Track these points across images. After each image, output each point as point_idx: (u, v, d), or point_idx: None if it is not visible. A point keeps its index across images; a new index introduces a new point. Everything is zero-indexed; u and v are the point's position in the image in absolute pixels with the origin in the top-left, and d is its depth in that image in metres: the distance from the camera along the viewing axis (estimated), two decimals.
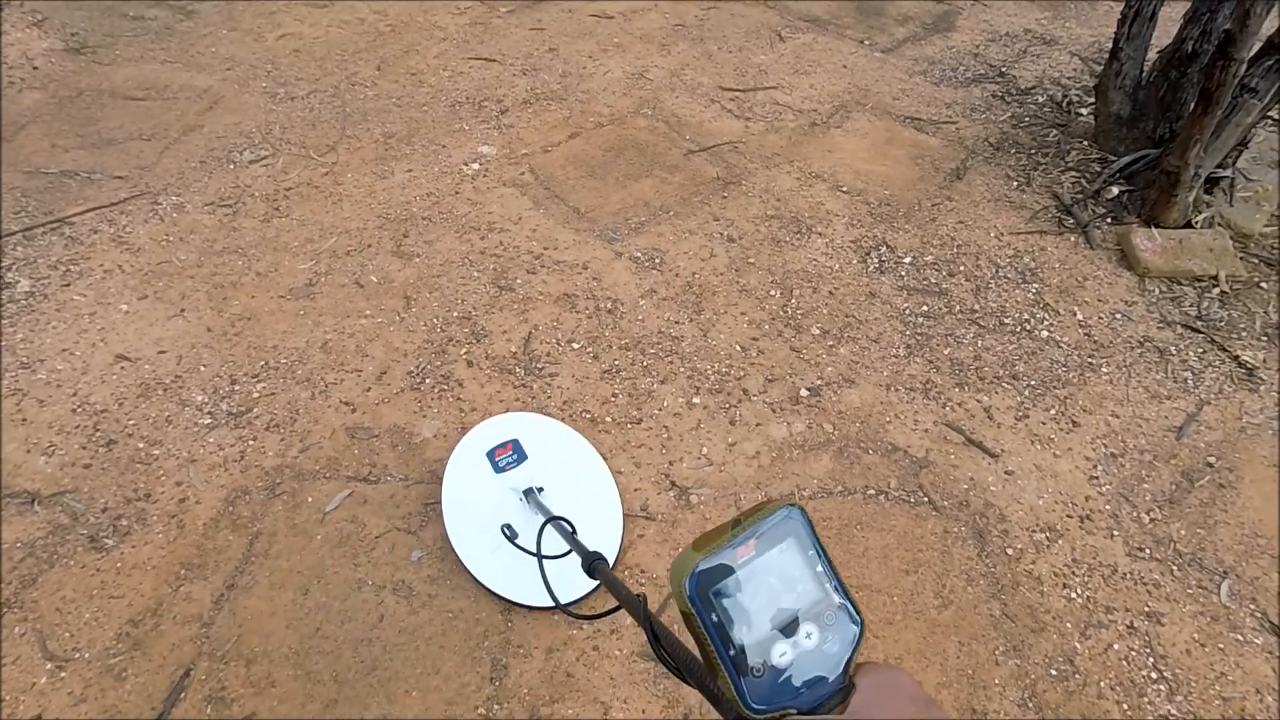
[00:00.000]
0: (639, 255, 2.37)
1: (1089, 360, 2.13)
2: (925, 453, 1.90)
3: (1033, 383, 2.07)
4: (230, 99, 2.96)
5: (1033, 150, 2.85)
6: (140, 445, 1.85)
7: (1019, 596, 1.65)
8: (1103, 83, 2.72)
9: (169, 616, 1.57)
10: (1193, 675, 1.54)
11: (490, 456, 1.75)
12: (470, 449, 1.78)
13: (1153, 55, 2.65)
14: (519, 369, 2.05)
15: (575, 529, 1.32)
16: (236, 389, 1.98)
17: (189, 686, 1.47)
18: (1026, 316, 2.24)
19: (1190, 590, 1.67)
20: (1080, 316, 2.25)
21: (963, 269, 2.38)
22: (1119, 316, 2.25)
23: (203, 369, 2.02)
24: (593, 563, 1.10)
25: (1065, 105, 3.07)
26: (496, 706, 1.46)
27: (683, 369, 2.06)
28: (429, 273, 2.30)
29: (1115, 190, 2.61)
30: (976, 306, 2.27)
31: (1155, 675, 1.54)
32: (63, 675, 1.48)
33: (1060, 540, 1.74)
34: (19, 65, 3.05)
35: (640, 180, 2.66)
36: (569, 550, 1.24)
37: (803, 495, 1.80)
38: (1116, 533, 1.76)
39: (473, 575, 1.61)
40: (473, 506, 1.70)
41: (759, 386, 2.03)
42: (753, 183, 2.67)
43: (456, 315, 2.18)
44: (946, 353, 2.13)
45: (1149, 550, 1.73)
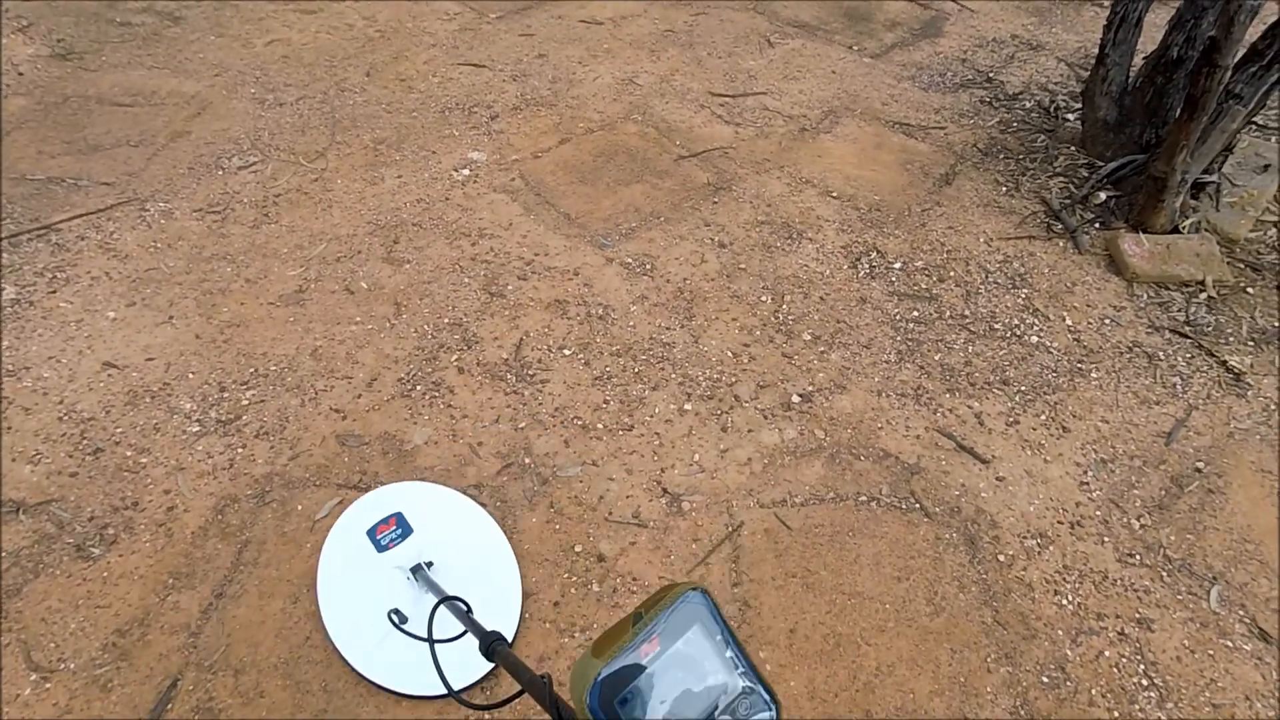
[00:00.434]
0: (630, 261, 2.37)
1: (1078, 366, 2.14)
2: (916, 459, 1.90)
3: (1023, 388, 2.07)
4: (218, 105, 2.94)
5: (1021, 155, 2.87)
6: (128, 453, 1.84)
7: (1010, 603, 1.65)
8: (1089, 88, 2.74)
9: (156, 626, 1.55)
10: (1183, 682, 1.54)
11: (371, 535, 1.63)
12: (347, 530, 1.66)
13: (1139, 61, 2.67)
14: (510, 375, 2.04)
15: (470, 607, 1.19)
16: (225, 396, 1.96)
17: (176, 697, 1.46)
18: (1016, 322, 2.25)
19: (1180, 596, 1.67)
20: (1069, 322, 2.26)
21: (953, 274, 2.39)
22: (1108, 322, 2.26)
23: (191, 376, 2.00)
24: (491, 644, 1.01)
25: (1052, 110, 3.09)
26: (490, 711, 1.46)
27: (674, 375, 2.06)
28: (419, 279, 2.29)
29: (1103, 195, 2.62)
30: (967, 312, 2.27)
31: (1146, 682, 1.54)
32: (48, 686, 1.47)
33: (1051, 546, 1.75)
34: (5, 71, 3.03)
35: (631, 186, 2.66)
36: (464, 631, 1.13)
37: (794, 501, 1.80)
38: (1107, 539, 1.77)
39: (359, 673, 1.48)
40: (355, 594, 1.57)
41: (750, 393, 2.03)
42: (743, 188, 2.67)
43: (447, 322, 2.18)
44: (937, 358, 2.14)
45: (1139, 556, 1.74)
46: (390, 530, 1.63)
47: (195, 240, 2.38)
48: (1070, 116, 3.03)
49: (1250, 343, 2.21)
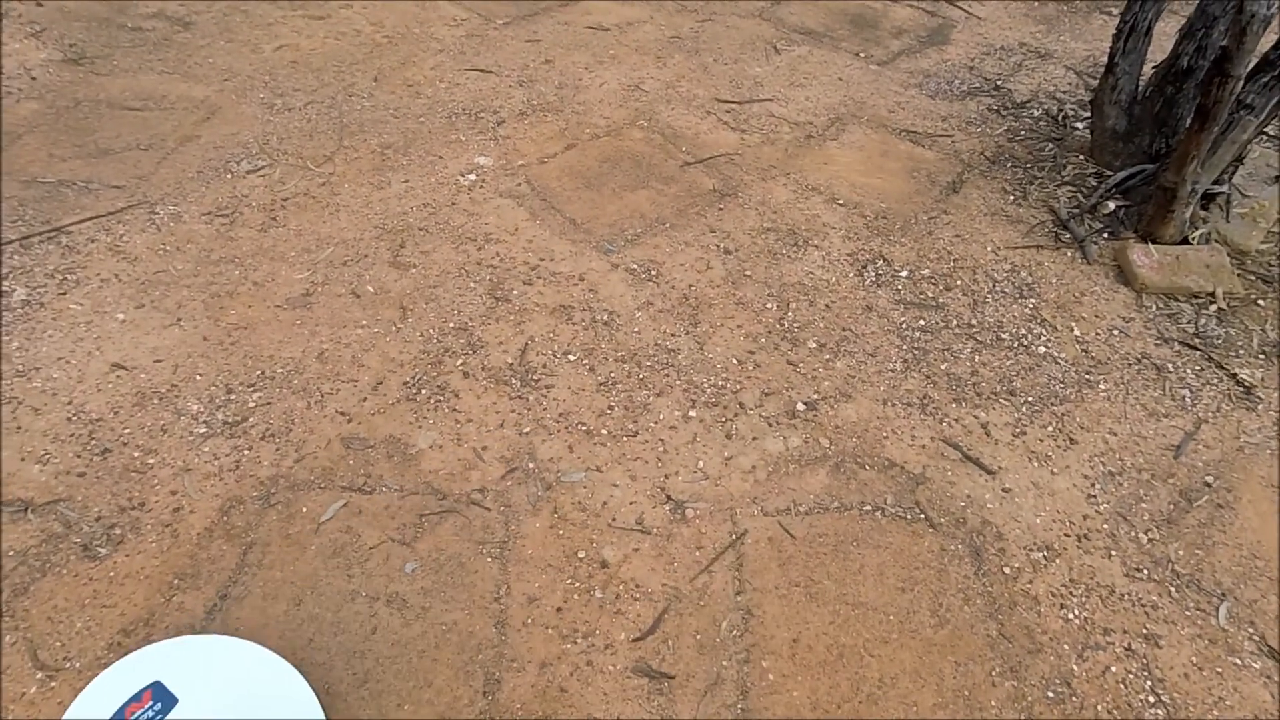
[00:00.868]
0: (635, 267, 2.37)
1: (1086, 377, 2.13)
2: (922, 469, 1.89)
3: (1030, 399, 2.06)
4: (227, 109, 2.96)
5: (1029, 164, 2.86)
6: (135, 454, 1.85)
7: (1016, 616, 1.64)
8: (1098, 97, 2.73)
9: (161, 626, 1.56)
10: (1190, 699, 1.53)
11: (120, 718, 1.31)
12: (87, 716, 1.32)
13: (1148, 70, 2.66)
14: (515, 380, 2.04)
15: None
16: (232, 398, 1.97)
17: None
18: (1024, 332, 2.24)
19: (1188, 612, 1.66)
20: (1078, 332, 2.25)
21: (959, 283, 2.38)
22: (1116, 333, 2.25)
23: (199, 378, 2.01)
24: None
25: (1061, 119, 3.08)
26: None
27: (679, 382, 2.06)
28: (425, 283, 2.30)
29: (1111, 205, 2.61)
30: (973, 321, 2.27)
31: (1153, 699, 1.53)
32: (53, 685, 1.47)
33: (1058, 559, 1.74)
34: (17, 75, 3.05)
35: (636, 192, 2.66)
36: None
37: (798, 510, 1.80)
38: (1114, 552, 1.76)
39: None
40: None
41: (755, 400, 2.03)
42: (749, 195, 2.67)
43: (453, 326, 2.18)
44: (943, 368, 2.13)
45: (1147, 571, 1.73)
46: (145, 707, 1.32)
47: (203, 243, 2.39)
48: (1079, 125, 3.02)
49: (1260, 355, 2.20)
